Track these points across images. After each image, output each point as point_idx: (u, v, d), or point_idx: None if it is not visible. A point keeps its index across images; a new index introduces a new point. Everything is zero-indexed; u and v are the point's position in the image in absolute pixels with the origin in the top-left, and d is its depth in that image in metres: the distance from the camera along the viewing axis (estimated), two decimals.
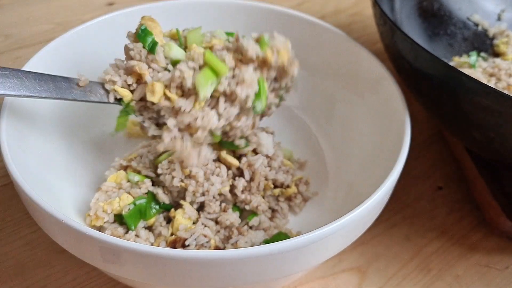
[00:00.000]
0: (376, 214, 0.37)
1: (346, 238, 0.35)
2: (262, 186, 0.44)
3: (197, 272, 0.31)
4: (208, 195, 0.41)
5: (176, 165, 0.40)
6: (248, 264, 0.31)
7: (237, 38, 0.40)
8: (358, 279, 0.43)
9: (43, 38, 0.66)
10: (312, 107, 0.53)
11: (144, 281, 0.33)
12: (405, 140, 0.39)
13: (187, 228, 0.39)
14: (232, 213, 0.42)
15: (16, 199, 0.45)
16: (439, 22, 0.60)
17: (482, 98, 0.37)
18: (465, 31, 0.61)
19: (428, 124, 0.58)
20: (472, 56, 0.58)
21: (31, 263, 0.42)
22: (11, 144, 0.36)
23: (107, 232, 0.39)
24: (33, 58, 0.43)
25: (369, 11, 0.52)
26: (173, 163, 0.41)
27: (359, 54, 0.48)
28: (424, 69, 0.42)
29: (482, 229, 0.48)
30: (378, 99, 0.46)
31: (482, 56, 0.58)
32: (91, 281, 0.41)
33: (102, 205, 0.40)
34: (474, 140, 0.42)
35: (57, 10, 0.71)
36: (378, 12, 0.47)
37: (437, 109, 0.45)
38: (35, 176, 0.38)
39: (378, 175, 0.38)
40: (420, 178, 0.52)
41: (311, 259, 0.34)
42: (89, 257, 0.33)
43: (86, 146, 0.47)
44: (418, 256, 0.45)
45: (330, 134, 0.51)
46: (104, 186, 0.42)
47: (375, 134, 0.45)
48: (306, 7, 0.77)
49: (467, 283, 0.44)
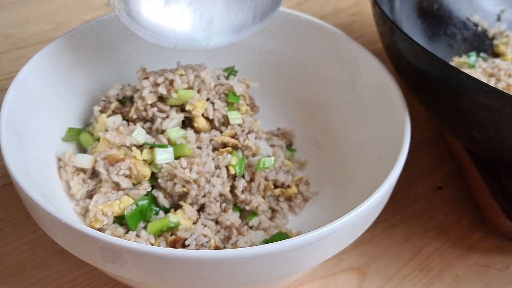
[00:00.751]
0: (376, 214, 0.37)
1: (346, 238, 0.35)
2: (262, 186, 0.44)
3: (197, 272, 0.31)
4: (209, 197, 0.41)
5: (178, 171, 0.40)
6: (248, 264, 0.31)
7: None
8: (358, 279, 0.43)
9: (43, 38, 0.66)
10: (311, 107, 0.53)
11: (144, 281, 0.33)
12: (405, 140, 0.39)
13: (187, 228, 0.39)
14: (233, 214, 0.42)
15: (16, 199, 0.45)
16: (439, 22, 0.60)
17: (482, 97, 0.37)
18: (464, 32, 0.61)
19: (428, 124, 0.58)
20: (472, 56, 0.58)
21: (31, 263, 0.42)
22: (11, 144, 0.36)
23: (107, 232, 0.39)
24: (33, 58, 0.43)
25: (369, 11, 0.52)
26: (173, 173, 0.41)
27: (359, 54, 0.48)
28: (424, 68, 0.42)
29: (482, 229, 0.48)
30: (378, 99, 0.46)
31: (481, 56, 0.58)
32: (91, 281, 0.41)
33: (101, 208, 0.40)
34: (473, 139, 0.42)
35: (57, 10, 0.71)
36: (377, 12, 0.47)
37: (437, 108, 0.45)
38: (35, 176, 0.38)
39: (378, 175, 0.38)
40: (420, 178, 0.52)
41: (311, 259, 0.34)
42: (89, 257, 0.33)
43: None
44: (418, 256, 0.45)
45: (330, 134, 0.51)
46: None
47: (375, 134, 0.45)
48: (306, 7, 0.77)
49: (467, 283, 0.44)
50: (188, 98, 0.44)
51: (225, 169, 0.42)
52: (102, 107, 0.46)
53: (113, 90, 0.47)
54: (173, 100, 0.44)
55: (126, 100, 0.46)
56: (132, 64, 0.51)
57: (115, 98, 0.46)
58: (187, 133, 0.43)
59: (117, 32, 0.50)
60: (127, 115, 0.45)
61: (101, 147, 0.43)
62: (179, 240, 0.38)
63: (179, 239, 0.38)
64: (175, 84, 0.43)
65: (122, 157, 0.42)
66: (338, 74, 0.50)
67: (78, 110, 0.47)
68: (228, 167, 0.42)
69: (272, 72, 0.54)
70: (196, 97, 0.44)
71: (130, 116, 0.45)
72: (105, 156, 0.42)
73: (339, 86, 0.51)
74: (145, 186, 0.41)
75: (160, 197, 0.41)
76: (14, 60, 0.62)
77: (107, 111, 0.45)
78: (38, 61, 0.43)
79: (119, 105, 0.46)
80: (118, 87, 0.47)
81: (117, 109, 0.46)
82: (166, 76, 0.44)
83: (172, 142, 0.42)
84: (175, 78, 0.43)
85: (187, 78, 0.44)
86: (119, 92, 0.47)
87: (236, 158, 0.42)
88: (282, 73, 0.54)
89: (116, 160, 0.41)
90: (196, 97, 0.44)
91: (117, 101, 0.46)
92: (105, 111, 0.45)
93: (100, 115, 0.45)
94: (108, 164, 0.42)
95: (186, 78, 0.44)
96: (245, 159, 0.43)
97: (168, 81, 0.44)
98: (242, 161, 0.43)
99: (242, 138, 0.44)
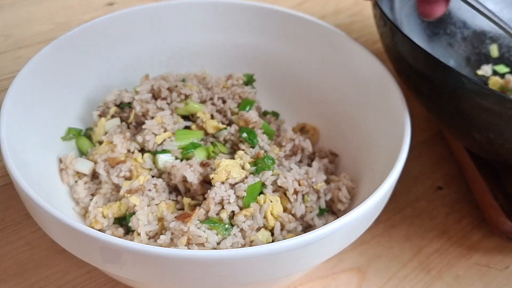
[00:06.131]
0: (376, 214, 0.37)
1: (346, 238, 0.35)
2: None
3: (197, 272, 0.31)
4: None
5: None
6: (248, 264, 0.31)
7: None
8: (358, 279, 0.43)
9: (43, 38, 0.66)
10: (311, 107, 0.53)
11: (144, 281, 0.33)
12: (405, 140, 0.39)
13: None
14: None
15: (16, 199, 0.45)
16: (439, 21, 0.60)
17: (482, 100, 0.37)
18: (464, 31, 0.61)
19: (428, 124, 0.58)
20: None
21: (31, 263, 0.42)
22: (11, 144, 0.36)
23: (108, 232, 0.39)
24: (33, 58, 0.43)
25: (369, 11, 0.52)
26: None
27: (359, 54, 0.48)
28: (425, 70, 0.42)
29: (482, 229, 0.48)
30: (378, 99, 0.46)
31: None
32: (91, 281, 0.41)
33: (101, 210, 0.40)
34: (474, 141, 0.42)
35: (57, 10, 0.71)
36: (378, 13, 0.47)
37: (437, 110, 0.45)
38: (35, 176, 0.38)
39: (378, 175, 0.38)
40: (420, 178, 0.52)
41: (311, 259, 0.34)
42: (89, 257, 0.33)
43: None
44: (418, 256, 0.45)
45: (329, 134, 0.51)
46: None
47: (375, 134, 0.45)
48: (306, 7, 0.77)
49: (467, 283, 0.44)
50: (196, 111, 0.45)
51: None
52: (101, 112, 0.46)
53: (111, 95, 0.47)
54: (180, 110, 0.45)
55: (124, 106, 0.46)
56: (132, 63, 0.51)
57: (113, 103, 0.47)
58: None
59: (117, 32, 0.50)
60: (126, 119, 0.46)
61: (102, 149, 0.43)
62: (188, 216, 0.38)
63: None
64: (192, 98, 0.45)
65: (123, 159, 0.42)
66: (338, 74, 0.50)
67: (78, 110, 0.47)
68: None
69: (272, 72, 0.54)
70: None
71: (130, 122, 0.45)
72: (106, 158, 0.42)
73: (339, 86, 0.51)
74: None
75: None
76: (14, 60, 0.62)
77: (107, 116, 0.46)
78: (38, 61, 0.43)
79: (118, 109, 0.46)
80: (116, 93, 0.47)
81: (116, 113, 0.46)
82: (182, 92, 0.45)
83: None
84: (192, 93, 0.45)
85: (200, 93, 0.46)
86: (117, 97, 0.47)
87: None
88: (281, 73, 0.54)
89: (117, 162, 0.41)
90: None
91: (116, 106, 0.46)
92: (104, 115, 0.46)
93: (99, 120, 0.45)
94: (109, 165, 0.42)
95: (199, 93, 0.46)
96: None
97: (184, 96, 0.45)
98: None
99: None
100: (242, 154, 0.42)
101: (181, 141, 0.43)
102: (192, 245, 0.36)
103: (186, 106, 0.45)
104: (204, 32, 0.53)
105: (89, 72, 0.48)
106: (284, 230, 0.39)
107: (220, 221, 0.37)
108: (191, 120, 0.46)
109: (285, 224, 0.39)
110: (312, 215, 0.40)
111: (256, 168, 0.41)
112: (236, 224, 0.38)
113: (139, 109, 0.44)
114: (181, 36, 0.53)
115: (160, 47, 0.53)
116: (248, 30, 0.53)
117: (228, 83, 0.48)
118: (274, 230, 0.39)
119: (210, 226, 0.37)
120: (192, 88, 0.46)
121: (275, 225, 0.39)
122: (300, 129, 0.52)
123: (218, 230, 0.37)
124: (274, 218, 0.39)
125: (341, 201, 0.42)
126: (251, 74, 0.51)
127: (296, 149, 0.45)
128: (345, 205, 0.42)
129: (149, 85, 0.46)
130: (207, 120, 0.45)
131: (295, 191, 0.40)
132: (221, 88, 0.48)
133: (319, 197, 0.41)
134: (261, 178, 0.40)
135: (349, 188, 0.42)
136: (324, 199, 0.42)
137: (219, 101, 0.46)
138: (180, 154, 0.42)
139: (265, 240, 0.38)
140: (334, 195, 0.42)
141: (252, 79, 0.51)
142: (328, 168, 0.46)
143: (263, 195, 0.39)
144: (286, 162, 0.44)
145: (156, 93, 0.46)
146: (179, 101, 0.45)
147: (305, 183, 0.40)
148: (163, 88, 0.45)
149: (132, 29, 0.51)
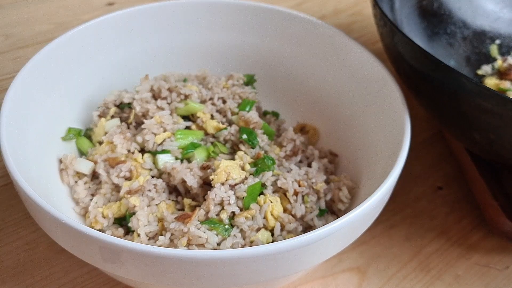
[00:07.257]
0: (376, 214, 0.37)
1: (346, 238, 0.35)
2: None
3: (197, 272, 0.31)
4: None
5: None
6: (248, 264, 0.31)
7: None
8: (358, 279, 0.43)
9: (43, 38, 0.66)
10: (311, 107, 0.53)
11: (144, 281, 0.33)
12: (405, 140, 0.39)
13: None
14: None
15: (16, 199, 0.45)
16: (439, 21, 0.60)
17: (483, 101, 0.37)
18: (464, 30, 0.61)
19: (428, 124, 0.58)
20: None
21: (31, 263, 0.42)
22: (11, 144, 0.36)
23: (108, 232, 0.39)
24: (33, 58, 0.43)
25: (369, 11, 0.52)
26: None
27: (359, 54, 0.48)
28: (425, 71, 0.42)
29: (482, 229, 0.48)
30: (378, 99, 0.46)
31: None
32: (91, 281, 0.41)
33: (101, 210, 0.40)
34: (474, 142, 0.42)
35: (57, 10, 0.71)
36: (378, 13, 0.47)
37: (438, 110, 0.45)
38: (35, 176, 0.38)
39: (378, 175, 0.38)
40: (420, 178, 0.52)
41: (311, 259, 0.34)
42: (89, 257, 0.33)
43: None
44: (418, 256, 0.45)
45: (329, 134, 0.51)
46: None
47: (375, 134, 0.45)
48: (306, 7, 0.77)
49: (467, 283, 0.44)
50: (196, 111, 0.45)
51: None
52: (101, 112, 0.46)
53: (111, 96, 0.47)
54: (180, 110, 0.45)
55: (124, 106, 0.46)
56: (132, 63, 0.51)
57: (112, 104, 0.47)
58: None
59: (117, 32, 0.50)
60: (126, 120, 0.46)
61: (102, 150, 0.43)
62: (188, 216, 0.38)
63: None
64: (192, 98, 0.45)
65: (123, 159, 0.42)
66: (338, 74, 0.50)
67: (78, 110, 0.47)
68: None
69: (272, 72, 0.54)
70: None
71: (130, 122, 0.45)
72: (106, 158, 0.42)
73: (339, 86, 0.51)
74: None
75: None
76: (14, 60, 0.62)
77: (106, 116, 0.46)
78: (38, 61, 0.43)
79: (117, 110, 0.46)
80: (116, 93, 0.47)
81: (116, 113, 0.46)
82: (181, 92, 0.45)
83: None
84: (192, 93, 0.45)
85: (200, 93, 0.46)
86: (117, 98, 0.47)
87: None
88: (281, 73, 0.54)
89: (117, 162, 0.41)
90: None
91: (115, 106, 0.46)
92: (104, 116, 0.46)
93: (99, 120, 0.45)
94: (109, 166, 0.42)
95: (199, 94, 0.46)
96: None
97: (184, 96, 0.45)
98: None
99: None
100: (242, 155, 0.42)
101: (181, 141, 0.43)
102: (192, 246, 0.36)
103: (186, 106, 0.45)
104: (204, 32, 0.53)
105: (89, 72, 0.48)
106: (284, 231, 0.39)
107: (220, 222, 0.37)
108: (191, 120, 0.46)
109: (285, 225, 0.39)
110: (312, 216, 0.40)
111: (256, 169, 0.41)
112: (236, 225, 0.38)
113: (139, 109, 0.44)
114: (181, 36, 0.53)
115: (160, 47, 0.53)
116: (248, 30, 0.53)
117: (229, 83, 0.48)
118: (274, 230, 0.39)
119: (210, 226, 0.37)
120: (192, 88, 0.46)
121: (275, 226, 0.39)
122: (300, 129, 0.52)
123: (218, 230, 0.37)
124: (274, 219, 0.39)
125: (341, 201, 0.42)
126: (252, 75, 0.51)
127: (296, 150, 0.45)
128: (345, 205, 0.42)
129: (149, 85, 0.46)
130: (207, 120, 0.45)
131: (295, 192, 0.40)
132: (221, 88, 0.48)
133: (319, 198, 0.41)
134: (261, 179, 0.40)
135: (349, 188, 0.42)
136: (324, 200, 0.42)
137: (219, 101, 0.47)
138: (180, 154, 0.42)
139: (265, 240, 0.38)
140: (334, 195, 0.42)
141: (252, 79, 0.51)
142: (328, 168, 0.46)
143: (263, 196, 0.39)
144: (287, 163, 0.44)
145: (156, 93, 0.46)
146: (179, 101, 0.45)
147: (305, 183, 0.40)
148: (163, 88, 0.45)
149: (132, 29, 0.51)
